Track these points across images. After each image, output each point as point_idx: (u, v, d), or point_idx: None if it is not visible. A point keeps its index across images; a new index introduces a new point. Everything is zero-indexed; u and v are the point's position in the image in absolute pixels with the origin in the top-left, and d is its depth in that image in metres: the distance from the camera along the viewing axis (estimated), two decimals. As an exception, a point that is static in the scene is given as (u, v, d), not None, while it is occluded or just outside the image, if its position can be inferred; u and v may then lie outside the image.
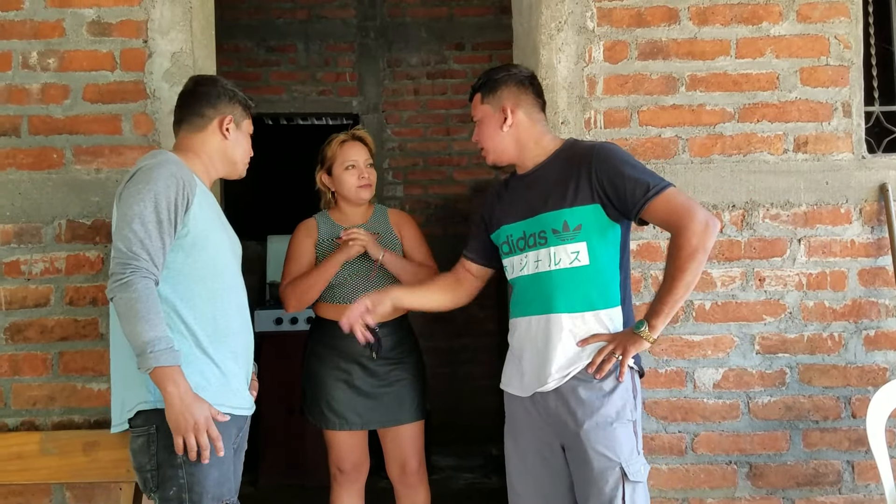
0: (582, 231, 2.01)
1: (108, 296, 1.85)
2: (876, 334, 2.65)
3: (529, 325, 2.09)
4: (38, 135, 2.57)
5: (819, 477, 2.63)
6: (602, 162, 2.00)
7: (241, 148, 2.13)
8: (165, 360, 1.80)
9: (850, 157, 2.66)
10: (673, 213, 1.94)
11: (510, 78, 2.15)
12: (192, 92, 2.10)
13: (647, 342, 1.96)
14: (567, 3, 2.63)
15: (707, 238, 1.91)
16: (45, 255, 2.54)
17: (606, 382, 1.98)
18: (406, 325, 2.77)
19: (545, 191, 2.07)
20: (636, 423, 2.01)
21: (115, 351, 2.01)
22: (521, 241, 2.11)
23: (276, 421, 4.14)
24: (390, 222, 2.79)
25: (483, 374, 5.22)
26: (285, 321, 4.39)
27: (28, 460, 2.38)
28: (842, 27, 2.68)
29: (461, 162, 5.42)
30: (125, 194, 1.91)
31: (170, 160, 1.95)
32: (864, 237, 2.65)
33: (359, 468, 2.73)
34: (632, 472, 1.94)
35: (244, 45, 5.31)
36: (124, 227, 1.85)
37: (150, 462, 1.89)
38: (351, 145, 2.72)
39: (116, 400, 2.00)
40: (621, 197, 1.98)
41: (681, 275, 1.91)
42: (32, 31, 2.57)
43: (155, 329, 1.81)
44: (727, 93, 2.66)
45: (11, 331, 2.53)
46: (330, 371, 2.67)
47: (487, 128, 2.15)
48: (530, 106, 2.14)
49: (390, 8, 5.42)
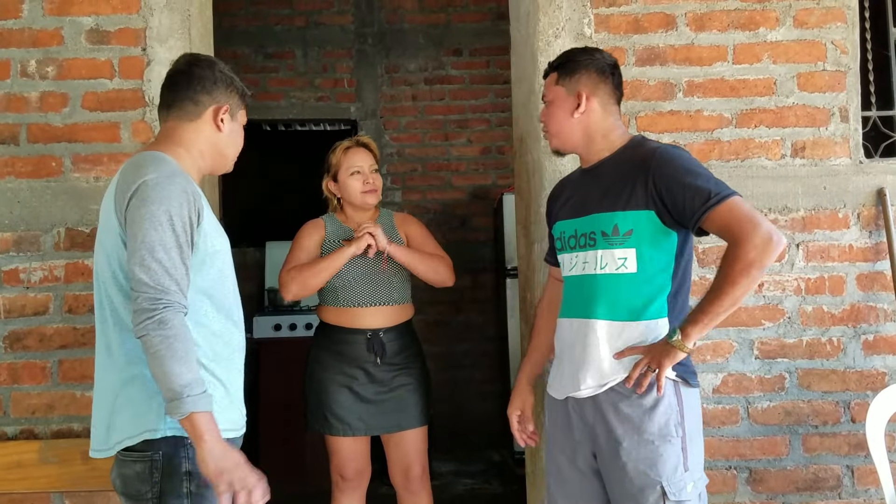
0: (632, 237, 1.91)
1: (139, 334, 1.64)
2: (875, 339, 2.65)
3: (571, 327, 2.03)
4: (36, 143, 2.57)
5: (819, 482, 2.63)
6: (660, 167, 1.89)
7: (234, 142, 1.92)
8: (203, 406, 1.64)
9: (847, 161, 2.67)
10: (734, 223, 1.80)
11: (592, 63, 2.04)
12: (185, 73, 1.86)
13: (681, 352, 1.84)
14: (565, 10, 2.64)
15: (767, 254, 1.77)
16: (44, 263, 2.54)
17: (648, 398, 1.88)
18: (410, 330, 2.77)
19: (601, 190, 1.98)
20: (684, 439, 1.88)
21: (103, 373, 1.82)
22: (573, 240, 2.03)
23: (275, 427, 4.13)
24: (395, 225, 2.80)
25: (483, 379, 5.23)
26: (284, 327, 4.39)
27: (27, 469, 2.38)
28: (838, 32, 2.68)
29: (459, 167, 5.44)
30: (136, 215, 1.69)
31: (174, 171, 1.75)
32: (862, 242, 2.66)
33: (361, 475, 2.72)
34: (673, 491, 1.84)
35: (242, 51, 5.33)
36: (146, 256, 1.65)
37: (151, 490, 1.72)
38: (355, 151, 2.74)
39: (101, 424, 1.79)
40: (678, 206, 1.86)
41: (730, 288, 1.79)
42: (31, 39, 2.57)
43: (192, 371, 1.64)
44: (724, 98, 2.66)
45: (10, 339, 2.53)
46: (333, 376, 2.66)
47: (558, 111, 2.05)
48: (607, 96, 2.04)
49: (388, 14, 5.44)
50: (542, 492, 2.62)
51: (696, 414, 1.96)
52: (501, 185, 5.31)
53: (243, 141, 1.98)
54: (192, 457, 1.69)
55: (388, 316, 2.68)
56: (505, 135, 5.37)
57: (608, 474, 1.94)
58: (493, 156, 5.45)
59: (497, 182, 5.40)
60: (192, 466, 1.71)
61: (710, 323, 1.83)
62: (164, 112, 1.89)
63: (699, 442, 1.96)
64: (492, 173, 5.44)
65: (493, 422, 5.05)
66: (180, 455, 1.72)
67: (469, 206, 5.37)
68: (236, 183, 2.21)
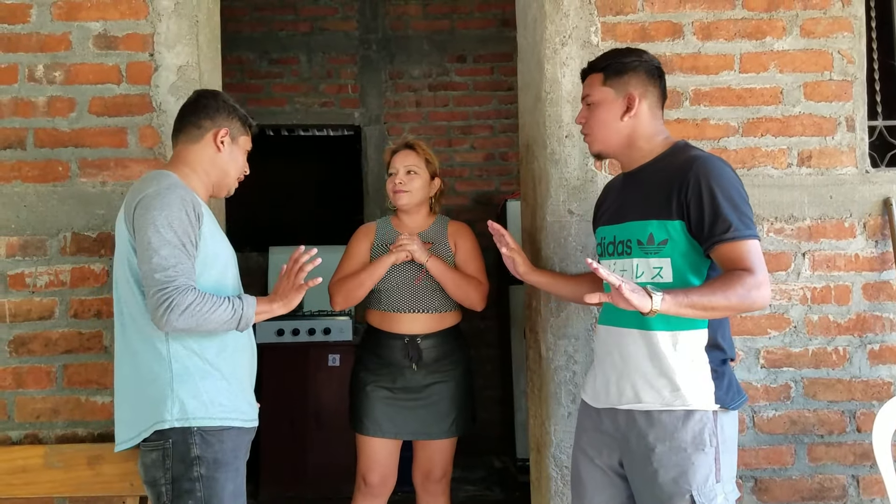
0: (667, 246, 1.87)
1: (166, 329, 1.86)
2: (881, 348, 2.65)
3: (608, 334, 2.01)
4: (43, 147, 2.57)
5: (824, 491, 2.62)
6: (697, 179, 1.84)
7: (235, 163, 2.13)
8: (249, 308, 1.95)
9: (853, 171, 2.67)
10: (738, 262, 1.79)
11: (642, 65, 1.99)
12: (193, 103, 2.13)
13: (650, 303, 1.71)
14: (571, 18, 2.64)
15: (753, 300, 1.76)
16: (50, 267, 2.54)
17: (681, 407, 1.86)
18: (454, 337, 2.78)
19: (639, 197, 1.95)
20: (718, 449, 1.85)
21: (123, 370, 2.02)
22: (612, 247, 2.01)
23: (277, 433, 4.13)
24: (447, 233, 2.82)
25: (485, 385, 5.22)
26: (287, 333, 4.39)
27: (32, 474, 2.37)
28: (845, 42, 2.69)
29: (463, 173, 5.44)
30: (140, 222, 1.89)
31: (173, 184, 1.95)
32: (868, 251, 2.66)
33: (385, 483, 2.73)
34: (703, 501, 1.81)
35: (247, 57, 5.34)
36: (153, 256, 1.86)
37: (164, 476, 1.90)
38: (399, 154, 2.79)
39: (123, 419, 2.00)
40: (698, 224, 1.83)
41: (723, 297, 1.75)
42: (39, 44, 2.58)
43: (225, 308, 1.90)
44: (731, 107, 2.67)
45: (16, 343, 2.53)
46: (372, 378, 2.71)
47: (604, 114, 1.98)
48: (655, 99, 2.00)
49: (392, 20, 5.45)
50: (547, 498, 2.61)
51: (733, 426, 1.93)
52: (505, 191, 5.31)
53: (247, 167, 2.19)
54: (200, 443, 1.91)
55: (427, 323, 2.71)
56: (509, 141, 5.38)
57: (637, 480, 1.92)
58: (497, 162, 5.46)
59: (500, 188, 5.40)
60: (201, 452, 1.91)
61: (693, 307, 1.75)
62: (175, 138, 2.12)
63: (733, 454, 1.92)
64: (495, 180, 5.45)
65: (494, 428, 5.04)
66: (188, 442, 1.90)
67: (472, 212, 5.36)
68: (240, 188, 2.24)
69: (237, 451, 1.98)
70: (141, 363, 1.95)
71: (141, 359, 1.95)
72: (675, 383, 1.87)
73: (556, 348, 2.59)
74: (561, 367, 2.58)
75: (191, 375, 1.93)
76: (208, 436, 1.92)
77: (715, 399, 1.87)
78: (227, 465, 1.93)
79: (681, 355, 1.88)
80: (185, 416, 1.90)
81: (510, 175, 5.37)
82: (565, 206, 2.59)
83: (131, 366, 1.97)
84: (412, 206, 2.78)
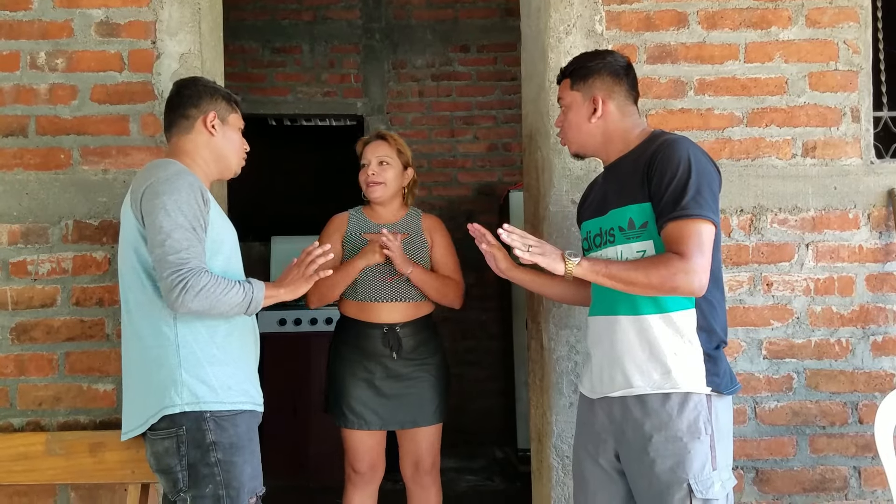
0: (648, 229, 1.89)
1: (180, 310, 1.89)
2: (883, 340, 2.64)
3: (597, 325, 2.03)
4: (45, 135, 2.56)
5: (826, 483, 2.62)
6: (659, 158, 1.87)
7: (231, 143, 2.13)
8: (259, 292, 1.97)
9: (858, 162, 2.66)
10: (676, 244, 1.80)
11: (605, 67, 2.03)
12: (175, 95, 2.12)
13: (563, 267, 1.85)
14: (576, 7, 2.62)
15: (683, 285, 1.78)
16: (52, 255, 2.54)
17: (677, 393, 1.86)
18: (429, 325, 2.79)
19: (617, 186, 1.98)
20: (713, 437, 1.86)
21: (130, 358, 2.03)
22: (598, 238, 2.03)
23: (279, 422, 4.14)
24: (422, 227, 2.81)
25: (487, 376, 5.23)
26: (289, 322, 4.39)
27: (34, 461, 2.37)
28: (851, 32, 2.67)
29: (465, 164, 5.43)
30: (149, 207, 1.91)
31: (180, 170, 1.97)
32: (871, 243, 2.65)
33: (374, 469, 2.73)
34: (700, 489, 1.82)
35: (249, 45, 5.32)
36: (165, 240, 1.87)
37: (180, 463, 1.91)
38: (371, 145, 2.78)
39: (132, 406, 2.01)
40: (658, 201, 1.85)
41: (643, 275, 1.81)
42: (41, 31, 2.57)
43: (237, 291, 1.92)
44: (736, 97, 2.65)
45: (17, 331, 2.53)
46: (352, 370, 2.69)
47: (574, 116, 2.05)
48: (623, 98, 2.03)
49: (395, 10, 5.43)
50: (548, 488, 2.62)
51: (727, 413, 1.94)
52: (507, 181, 5.30)
53: (246, 143, 2.18)
54: (215, 428, 1.91)
55: (405, 311, 2.70)
56: (511, 131, 5.36)
57: (633, 471, 1.93)
58: (500, 152, 5.44)
59: (503, 179, 5.39)
60: (216, 437, 1.91)
61: (606, 276, 1.85)
62: (168, 133, 2.13)
63: (728, 441, 1.94)
64: (498, 170, 5.44)
65: (496, 419, 5.05)
66: (203, 428, 1.91)
67: (475, 202, 5.36)
68: (242, 177, 2.23)
69: (251, 434, 2.00)
70: (149, 348, 1.95)
71: (148, 344, 1.96)
72: (665, 366, 1.88)
73: (558, 338, 2.58)
74: (562, 358, 2.58)
75: (199, 360, 1.94)
76: (222, 421, 1.93)
77: (707, 382, 1.88)
78: (243, 448, 1.95)
79: (672, 337, 1.88)
80: (196, 399, 1.91)
81: (513, 165, 5.36)
82: (568, 196, 2.58)
83: (138, 351, 1.98)
84: (386, 199, 2.77)
